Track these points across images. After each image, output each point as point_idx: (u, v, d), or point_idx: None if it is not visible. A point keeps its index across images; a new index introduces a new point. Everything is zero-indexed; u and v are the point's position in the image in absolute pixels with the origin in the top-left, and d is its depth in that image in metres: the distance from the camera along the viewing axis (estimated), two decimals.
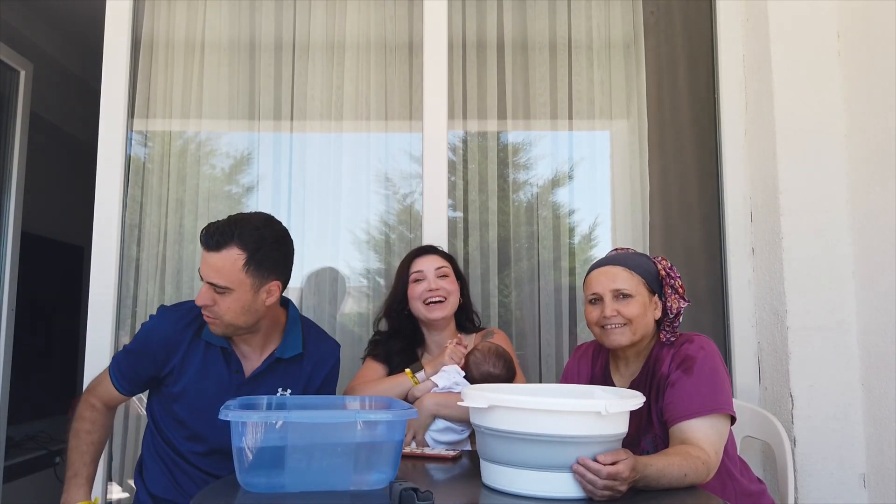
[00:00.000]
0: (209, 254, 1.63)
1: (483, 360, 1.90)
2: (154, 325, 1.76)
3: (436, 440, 1.87)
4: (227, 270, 1.62)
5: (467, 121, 2.59)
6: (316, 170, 2.56)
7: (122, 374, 1.77)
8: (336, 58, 2.59)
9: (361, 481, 1.35)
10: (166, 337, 1.74)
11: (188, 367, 1.74)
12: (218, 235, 1.62)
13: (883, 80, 2.09)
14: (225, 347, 1.75)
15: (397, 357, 2.05)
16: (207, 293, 1.65)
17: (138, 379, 1.78)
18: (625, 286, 1.69)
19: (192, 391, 1.74)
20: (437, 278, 2.03)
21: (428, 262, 2.06)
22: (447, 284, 2.04)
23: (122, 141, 2.44)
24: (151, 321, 1.78)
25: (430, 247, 2.15)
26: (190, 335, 1.75)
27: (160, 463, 1.80)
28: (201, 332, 1.75)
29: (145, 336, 1.76)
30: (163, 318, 1.77)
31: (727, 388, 1.61)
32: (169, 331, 1.74)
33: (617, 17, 2.63)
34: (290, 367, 1.81)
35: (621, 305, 1.67)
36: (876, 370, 2.10)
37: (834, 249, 2.21)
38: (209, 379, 1.74)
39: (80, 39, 3.82)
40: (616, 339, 1.68)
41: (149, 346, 1.74)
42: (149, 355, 1.74)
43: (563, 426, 1.31)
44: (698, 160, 2.60)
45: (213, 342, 1.74)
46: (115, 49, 2.47)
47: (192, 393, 1.74)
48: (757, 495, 1.72)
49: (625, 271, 1.71)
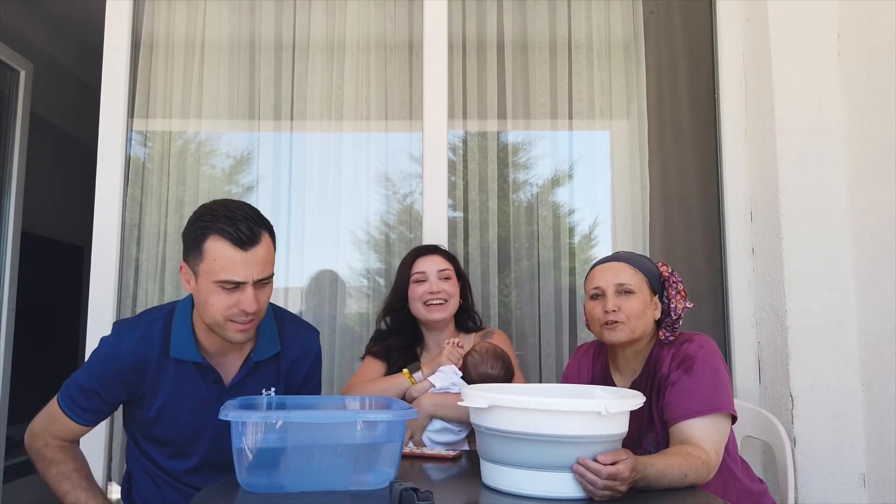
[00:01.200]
0: (252, 251, 1.49)
1: (481, 360, 1.90)
2: (117, 347, 1.57)
3: (433, 440, 1.87)
4: (270, 258, 1.54)
5: (467, 121, 2.59)
6: (316, 170, 2.56)
7: (81, 407, 1.59)
8: (336, 58, 2.59)
9: (361, 481, 1.35)
10: (133, 359, 1.57)
11: (160, 388, 1.59)
12: (251, 228, 1.50)
13: (883, 80, 2.09)
14: (199, 362, 1.60)
15: (396, 355, 2.05)
16: (255, 295, 1.50)
17: (106, 407, 1.62)
18: (628, 281, 1.69)
19: (170, 412, 1.60)
20: (439, 280, 2.03)
21: (430, 264, 2.06)
22: (449, 287, 2.04)
23: (121, 141, 2.44)
24: (111, 343, 1.59)
25: (433, 247, 2.14)
26: (156, 354, 1.59)
27: (147, 479, 1.69)
28: (168, 349, 1.59)
29: (109, 360, 1.57)
30: (123, 338, 1.59)
31: (727, 387, 1.61)
32: (135, 351, 1.57)
33: (617, 17, 2.63)
34: (269, 366, 1.69)
35: (623, 301, 1.68)
36: (876, 370, 2.10)
37: (834, 249, 2.21)
38: (186, 395, 1.60)
39: (80, 39, 3.82)
40: (615, 336, 1.68)
41: (116, 370, 1.57)
42: (116, 380, 1.57)
43: (564, 426, 1.31)
44: (698, 160, 2.60)
45: (183, 358, 1.59)
46: (114, 49, 2.47)
47: (170, 414, 1.61)
48: (758, 494, 1.72)
49: (629, 268, 1.71)
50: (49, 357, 4.06)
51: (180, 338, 1.59)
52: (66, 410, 1.59)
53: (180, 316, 1.61)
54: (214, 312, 1.50)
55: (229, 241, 1.47)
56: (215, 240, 1.48)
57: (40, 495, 3.49)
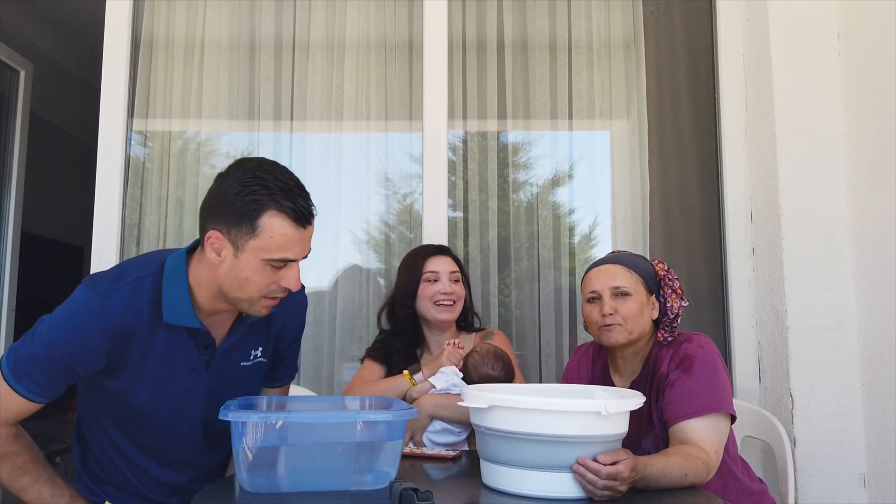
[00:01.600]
0: (308, 228, 1.40)
1: (482, 361, 1.90)
2: (102, 312, 1.37)
3: (433, 441, 1.87)
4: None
5: (467, 121, 2.59)
6: (316, 170, 2.56)
7: (37, 382, 1.38)
8: (336, 58, 2.59)
9: (361, 481, 1.35)
10: (121, 322, 1.38)
11: (148, 356, 1.43)
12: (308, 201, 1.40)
13: (883, 80, 2.09)
14: (195, 328, 1.45)
15: (397, 355, 2.05)
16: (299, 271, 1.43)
17: (71, 379, 1.43)
18: (623, 284, 1.69)
19: (154, 382, 1.45)
20: (451, 282, 2.05)
21: (444, 265, 2.07)
22: (459, 289, 2.06)
23: (121, 141, 2.44)
24: (92, 309, 1.37)
25: (444, 247, 2.16)
26: (146, 319, 1.41)
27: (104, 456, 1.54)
28: (159, 314, 1.42)
29: (92, 325, 1.36)
30: (108, 301, 1.38)
31: (727, 387, 1.61)
32: (122, 314, 1.38)
33: (617, 17, 2.63)
34: (260, 327, 1.57)
35: (619, 303, 1.68)
36: (876, 370, 2.10)
37: (834, 249, 2.21)
38: (174, 363, 1.46)
39: (80, 39, 3.82)
40: (613, 338, 1.68)
41: (100, 336, 1.37)
42: (99, 348, 1.38)
43: (563, 426, 1.31)
44: (698, 160, 2.60)
45: (178, 324, 1.43)
46: (114, 49, 2.47)
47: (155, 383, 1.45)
48: (758, 494, 1.72)
49: (624, 270, 1.71)
50: None
51: (174, 302, 1.42)
52: (18, 387, 1.38)
53: (171, 277, 1.43)
54: (251, 289, 1.39)
55: (290, 217, 1.36)
56: (273, 215, 1.35)
57: None
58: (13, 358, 1.39)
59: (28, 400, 1.40)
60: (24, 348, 1.38)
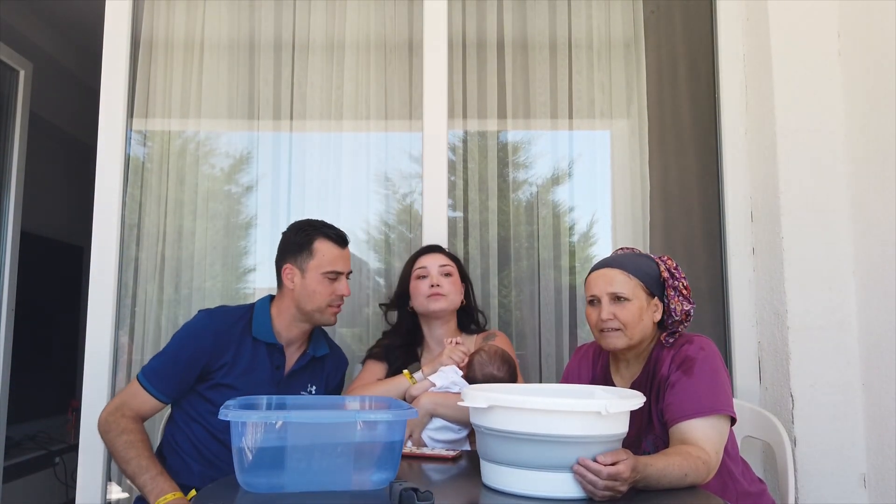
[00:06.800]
0: (346, 249, 1.95)
1: (489, 361, 1.90)
2: (210, 321, 1.86)
3: (433, 438, 1.87)
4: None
5: (467, 120, 2.59)
6: (316, 169, 2.56)
7: (163, 382, 1.81)
8: (336, 57, 2.59)
9: (361, 481, 1.35)
10: (222, 328, 1.85)
11: (238, 363, 1.85)
12: (342, 232, 1.96)
13: (883, 80, 2.08)
14: (274, 343, 1.89)
15: (397, 353, 2.07)
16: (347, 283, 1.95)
17: (188, 377, 1.83)
18: (621, 290, 1.68)
19: (241, 386, 1.83)
20: (441, 276, 2.06)
21: (432, 260, 2.10)
22: (450, 282, 2.07)
23: (121, 141, 2.44)
24: (198, 321, 1.87)
25: (436, 246, 2.19)
26: (239, 331, 1.87)
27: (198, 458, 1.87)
28: (250, 329, 1.89)
29: (203, 329, 1.84)
30: (214, 315, 1.89)
31: (727, 389, 1.61)
32: (220, 327, 1.85)
33: (617, 17, 2.63)
34: (317, 365, 1.99)
35: (617, 309, 1.67)
36: (876, 370, 2.09)
37: (834, 249, 2.21)
38: (256, 373, 1.87)
39: (80, 39, 3.82)
40: (612, 343, 1.68)
41: (208, 339, 1.82)
42: (207, 348, 1.82)
43: (564, 426, 1.31)
44: (698, 160, 2.60)
45: (261, 339, 1.88)
46: (114, 49, 2.47)
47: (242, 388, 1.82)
48: (757, 496, 1.72)
49: (622, 274, 1.70)
50: (48, 357, 4.06)
51: (260, 323, 1.90)
52: (148, 386, 1.80)
53: (260, 308, 1.93)
54: (319, 299, 1.88)
55: (333, 241, 1.92)
56: (322, 241, 1.91)
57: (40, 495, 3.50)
58: (147, 367, 1.84)
59: (155, 398, 1.81)
60: (155, 359, 1.85)
